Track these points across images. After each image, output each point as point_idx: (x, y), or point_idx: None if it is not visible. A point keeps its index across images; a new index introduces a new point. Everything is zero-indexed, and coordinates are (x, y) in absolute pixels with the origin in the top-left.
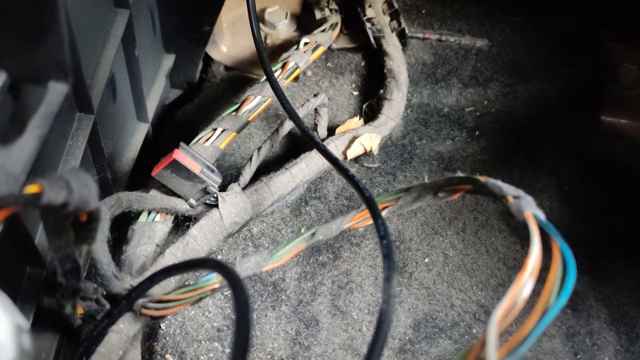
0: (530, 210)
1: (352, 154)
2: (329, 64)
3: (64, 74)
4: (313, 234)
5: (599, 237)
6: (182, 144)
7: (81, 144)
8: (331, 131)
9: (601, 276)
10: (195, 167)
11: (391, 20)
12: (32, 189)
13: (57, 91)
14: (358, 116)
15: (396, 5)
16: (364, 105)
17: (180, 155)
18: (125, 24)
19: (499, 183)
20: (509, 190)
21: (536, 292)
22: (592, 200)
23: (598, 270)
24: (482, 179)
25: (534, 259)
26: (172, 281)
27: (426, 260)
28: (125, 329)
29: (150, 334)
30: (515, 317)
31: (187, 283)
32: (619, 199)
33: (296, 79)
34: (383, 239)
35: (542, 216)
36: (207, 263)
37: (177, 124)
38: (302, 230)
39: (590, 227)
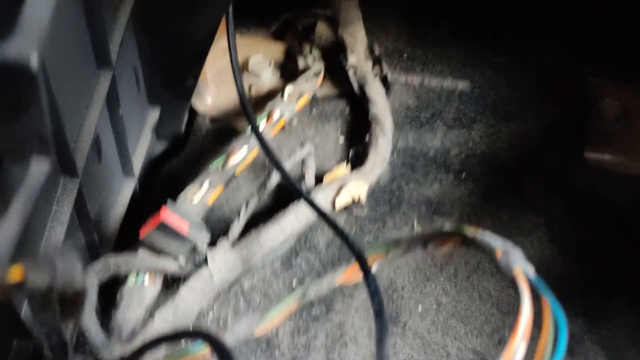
0: (520, 266)
1: (340, 203)
2: (314, 112)
3: (45, 148)
4: (304, 293)
5: (592, 276)
6: (169, 202)
7: (67, 209)
8: (319, 179)
9: (596, 317)
10: (183, 227)
11: (374, 66)
12: (14, 274)
13: (39, 166)
14: (345, 162)
15: (378, 52)
16: (350, 152)
17: (167, 216)
18: (109, 85)
19: (487, 237)
20: (497, 244)
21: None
22: (582, 238)
23: (593, 311)
24: (470, 232)
25: (525, 321)
26: (162, 347)
27: (419, 308)
28: None
29: None
30: None
31: (179, 348)
32: (608, 235)
33: (282, 129)
34: (374, 296)
35: (531, 272)
36: (197, 334)
37: (164, 177)
38: (294, 283)
39: (582, 266)
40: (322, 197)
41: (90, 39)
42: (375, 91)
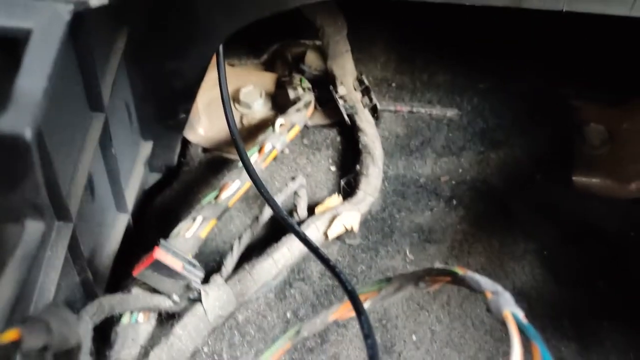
0: (509, 309)
1: (333, 234)
2: (305, 141)
3: (40, 213)
4: (298, 332)
5: (582, 301)
6: (162, 241)
7: (60, 254)
8: (311, 209)
9: (588, 342)
10: (176, 265)
11: (363, 96)
12: (10, 336)
13: (34, 229)
14: (337, 192)
15: (367, 82)
16: (342, 182)
17: (161, 254)
18: (102, 127)
19: (477, 277)
20: (487, 285)
21: None
22: (572, 263)
23: (584, 336)
24: (461, 272)
25: None
26: None
27: (414, 337)
28: None
29: None
30: None
31: None
32: (598, 259)
33: (274, 159)
34: (367, 338)
35: (520, 315)
36: None
37: (157, 210)
38: (287, 315)
39: (573, 291)
40: (314, 229)
41: (82, 84)
42: (364, 121)
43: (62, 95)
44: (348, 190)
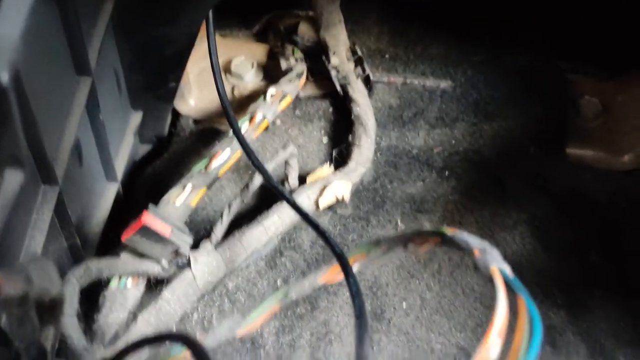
0: (496, 265)
1: (324, 203)
2: (297, 112)
3: (20, 164)
4: (286, 294)
5: (573, 270)
6: (150, 206)
7: (46, 217)
8: (302, 179)
9: (577, 310)
10: (165, 230)
11: (356, 66)
12: None
13: (13, 181)
14: (328, 163)
15: (360, 52)
16: (334, 152)
17: (149, 219)
18: (88, 91)
19: (465, 236)
20: (475, 243)
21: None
22: (563, 233)
23: (574, 304)
24: (449, 231)
25: (500, 319)
26: (145, 350)
27: (404, 304)
28: None
29: None
30: None
31: (161, 352)
32: (589, 230)
33: (265, 128)
34: (355, 299)
35: (508, 271)
36: (175, 337)
37: (147, 180)
38: (278, 283)
39: (564, 261)
40: (305, 198)
41: (68, 46)
42: (357, 91)
43: (46, 54)
44: (340, 161)
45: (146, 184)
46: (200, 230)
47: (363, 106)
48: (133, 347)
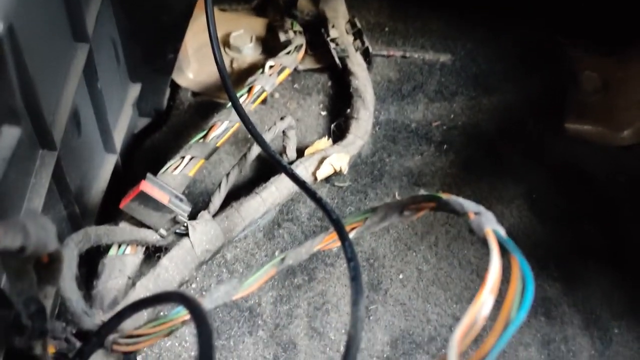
0: (490, 227)
1: (321, 174)
2: (295, 86)
3: (16, 118)
4: (283, 259)
5: (569, 243)
6: (149, 174)
7: (45, 182)
8: (300, 152)
9: (573, 282)
10: (163, 198)
11: (355, 39)
12: None
13: (10, 135)
14: (327, 136)
15: (359, 25)
16: (332, 125)
17: (147, 186)
18: (86, 58)
19: (460, 200)
20: (470, 206)
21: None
22: (560, 207)
23: (569, 276)
24: (444, 196)
25: (493, 276)
26: (144, 313)
27: (400, 276)
28: None
29: None
30: (475, 335)
31: (160, 315)
32: (586, 204)
33: (264, 102)
34: (350, 261)
35: (502, 232)
36: (172, 296)
37: (146, 153)
38: (276, 254)
39: (560, 233)
40: (302, 169)
41: (65, 11)
42: (356, 64)
43: (43, 16)
44: (338, 134)
45: (145, 157)
46: (198, 202)
47: (362, 79)
48: (132, 307)
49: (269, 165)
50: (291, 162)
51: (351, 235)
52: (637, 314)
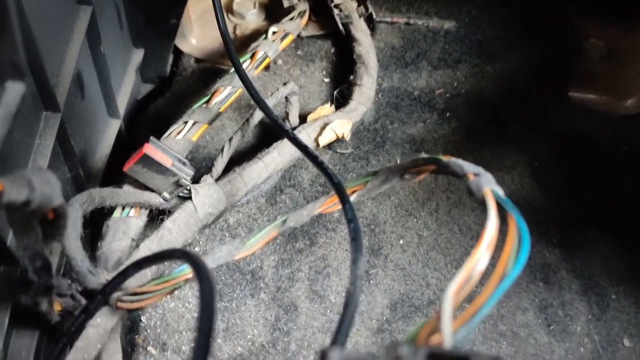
0: (489, 187)
1: (324, 140)
2: (299, 52)
3: (20, 74)
4: (284, 221)
5: (569, 210)
6: (152, 138)
7: (49, 143)
8: (303, 119)
9: (572, 249)
10: (166, 161)
11: (358, 5)
12: None
13: (14, 91)
14: (329, 103)
15: None
16: (335, 92)
17: (150, 149)
18: (89, 20)
19: (460, 162)
20: (470, 168)
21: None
22: (561, 175)
23: (569, 243)
24: (445, 158)
25: (490, 233)
26: (147, 273)
27: (401, 241)
28: (103, 322)
29: (132, 327)
30: (470, 290)
31: (163, 274)
32: (587, 172)
33: (266, 68)
34: (350, 223)
35: (500, 192)
36: (174, 253)
37: (149, 119)
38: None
39: (561, 201)
40: (305, 135)
41: None
42: (360, 31)
43: None
44: (341, 101)
45: (148, 123)
46: (201, 167)
47: (365, 45)
48: (136, 265)
49: (272, 131)
50: (294, 128)
51: (352, 198)
52: (635, 280)
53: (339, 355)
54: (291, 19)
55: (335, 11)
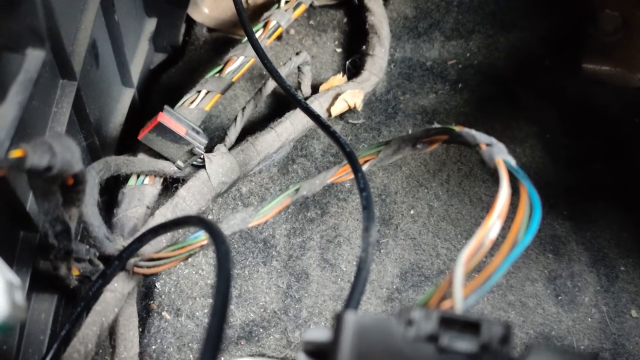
0: (501, 157)
1: (336, 110)
2: (311, 22)
3: (40, 40)
4: (297, 190)
5: (580, 182)
6: (166, 107)
7: (66, 110)
8: (315, 89)
9: (582, 220)
10: (180, 130)
11: None
12: (16, 153)
13: (35, 58)
14: (341, 73)
15: None
16: (347, 62)
17: (164, 118)
18: None
19: (473, 132)
20: (482, 138)
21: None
22: (573, 147)
23: (579, 215)
24: (457, 128)
25: (502, 202)
26: (162, 240)
27: (412, 212)
28: (120, 287)
29: (147, 293)
30: (482, 257)
31: (177, 241)
32: (599, 145)
33: (279, 38)
34: (362, 191)
35: (512, 162)
36: (190, 220)
37: (162, 88)
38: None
39: (572, 173)
40: (317, 105)
41: None
42: (372, 0)
43: None
44: (353, 71)
45: (161, 92)
46: (214, 137)
47: (378, 15)
48: (152, 231)
49: (284, 101)
50: (306, 98)
51: (364, 167)
52: None
53: (354, 317)
54: None
55: None
